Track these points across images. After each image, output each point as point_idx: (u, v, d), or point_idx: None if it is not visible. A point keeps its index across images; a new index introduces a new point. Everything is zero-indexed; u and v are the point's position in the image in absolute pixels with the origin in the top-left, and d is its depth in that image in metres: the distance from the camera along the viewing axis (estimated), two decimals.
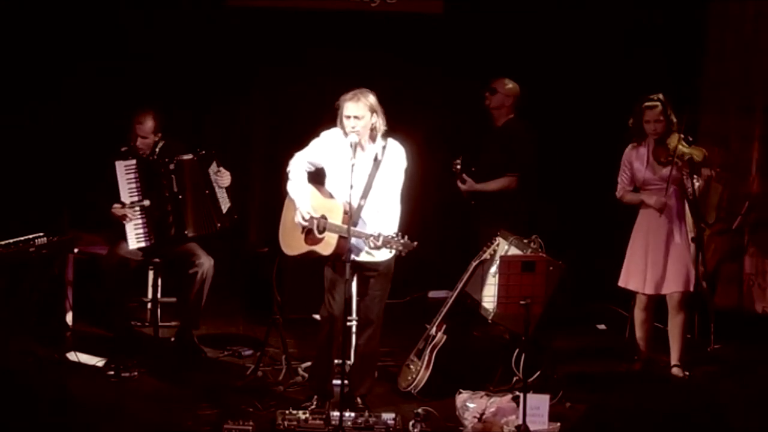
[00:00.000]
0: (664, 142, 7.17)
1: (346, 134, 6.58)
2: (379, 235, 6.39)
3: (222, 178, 7.66)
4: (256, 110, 9.42)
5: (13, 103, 8.68)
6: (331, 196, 6.67)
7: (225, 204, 7.69)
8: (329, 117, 6.72)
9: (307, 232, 6.67)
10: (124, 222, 7.45)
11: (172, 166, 7.54)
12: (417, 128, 8.61)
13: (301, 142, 6.85)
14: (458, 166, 7.98)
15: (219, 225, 7.64)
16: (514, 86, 8.05)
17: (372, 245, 6.42)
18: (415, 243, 6.43)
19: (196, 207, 7.59)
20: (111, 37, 8.91)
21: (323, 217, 6.61)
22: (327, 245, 6.57)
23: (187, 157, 7.60)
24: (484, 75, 8.56)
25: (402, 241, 6.41)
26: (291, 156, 6.83)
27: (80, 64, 8.88)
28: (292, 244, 6.76)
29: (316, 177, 6.83)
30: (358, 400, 6.76)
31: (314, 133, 6.81)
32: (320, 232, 6.61)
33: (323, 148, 6.72)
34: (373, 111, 6.58)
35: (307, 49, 9.09)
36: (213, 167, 7.66)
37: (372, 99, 6.59)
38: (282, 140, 9.00)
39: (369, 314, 6.75)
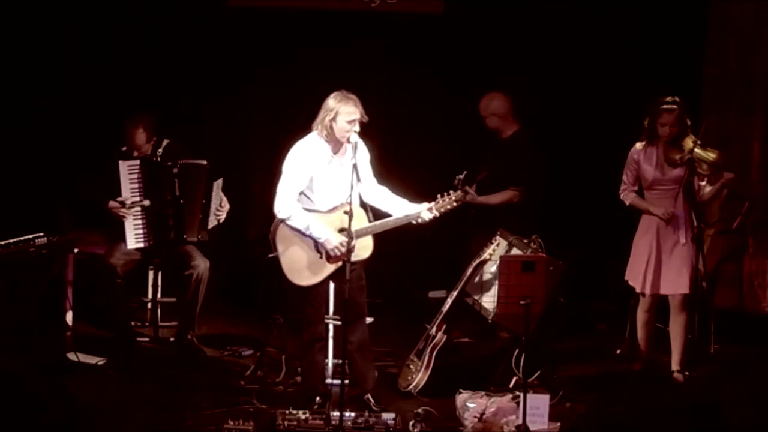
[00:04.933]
0: (678, 144, 7.15)
1: (332, 137, 6.57)
2: (430, 208, 6.58)
3: (222, 212, 7.66)
4: (256, 110, 9.42)
5: (13, 103, 8.68)
6: (332, 210, 6.64)
7: (213, 221, 7.67)
8: None
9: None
10: (122, 219, 7.44)
11: (175, 170, 7.53)
12: (417, 128, 8.62)
13: None
14: (459, 180, 7.85)
15: (199, 237, 7.63)
16: (499, 101, 7.87)
17: (429, 217, 6.60)
18: (460, 192, 6.71)
19: (195, 212, 7.57)
20: (111, 36, 8.92)
21: (341, 230, 6.59)
22: (366, 248, 6.56)
23: (199, 162, 7.58)
24: (485, 75, 8.58)
25: (453, 197, 6.60)
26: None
27: (80, 64, 8.88)
28: (315, 273, 6.65)
29: None
30: (371, 399, 6.78)
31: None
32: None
33: (308, 164, 6.64)
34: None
35: (308, 50, 9.10)
36: (218, 183, 7.62)
37: None
38: (282, 140, 8.98)
39: (361, 307, 6.73)
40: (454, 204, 6.69)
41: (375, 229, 6.60)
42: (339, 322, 6.73)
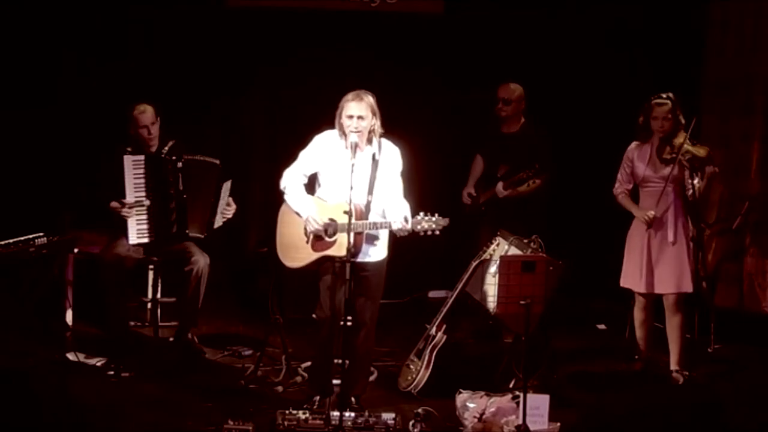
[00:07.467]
0: (670, 141, 7.17)
1: (344, 134, 6.57)
2: (406, 218, 6.42)
3: (229, 211, 7.66)
4: (256, 110, 9.42)
5: (12, 103, 8.67)
6: (334, 203, 6.62)
7: (219, 221, 7.67)
8: (330, 117, 6.71)
9: (315, 240, 6.64)
10: (125, 217, 7.43)
11: (180, 164, 7.53)
12: (418, 127, 8.62)
13: (302, 143, 6.83)
14: (477, 196, 8.03)
15: (205, 234, 7.63)
16: (522, 92, 8.06)
17: (399, 227, 6.42)
18: (447, 219, 6.46)
19: (200, 208, 7.56)
20: (110, 37, 8.91)
21: (331, 220, 6.59)
22: (341, 246, 6.49)
23: (212, 160, 7.58)
24: (485, 75, 8.57)
25: (433, 219, 6.42)
26: (289, 159, 6.79)
27: (80, 64, 8.88)
28: (298, 256, 6.67)
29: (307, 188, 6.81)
30: (353, 399, 6.76)
31: (314, 133, 6.79)
32: (330, 236, 6.57)
33: (318, 153, 6.69)
34: (373, 113, 6.58)
35: (307, 50, 9.10)
36: (227, 185, 7.62)
37: (372, 101, 6.59)
38: (282, 140, 9.00)
39: (363, 316, 6.69)
40: (434, 227, 6.45)
41: (355, 228, 6.44)
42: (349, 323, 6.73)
